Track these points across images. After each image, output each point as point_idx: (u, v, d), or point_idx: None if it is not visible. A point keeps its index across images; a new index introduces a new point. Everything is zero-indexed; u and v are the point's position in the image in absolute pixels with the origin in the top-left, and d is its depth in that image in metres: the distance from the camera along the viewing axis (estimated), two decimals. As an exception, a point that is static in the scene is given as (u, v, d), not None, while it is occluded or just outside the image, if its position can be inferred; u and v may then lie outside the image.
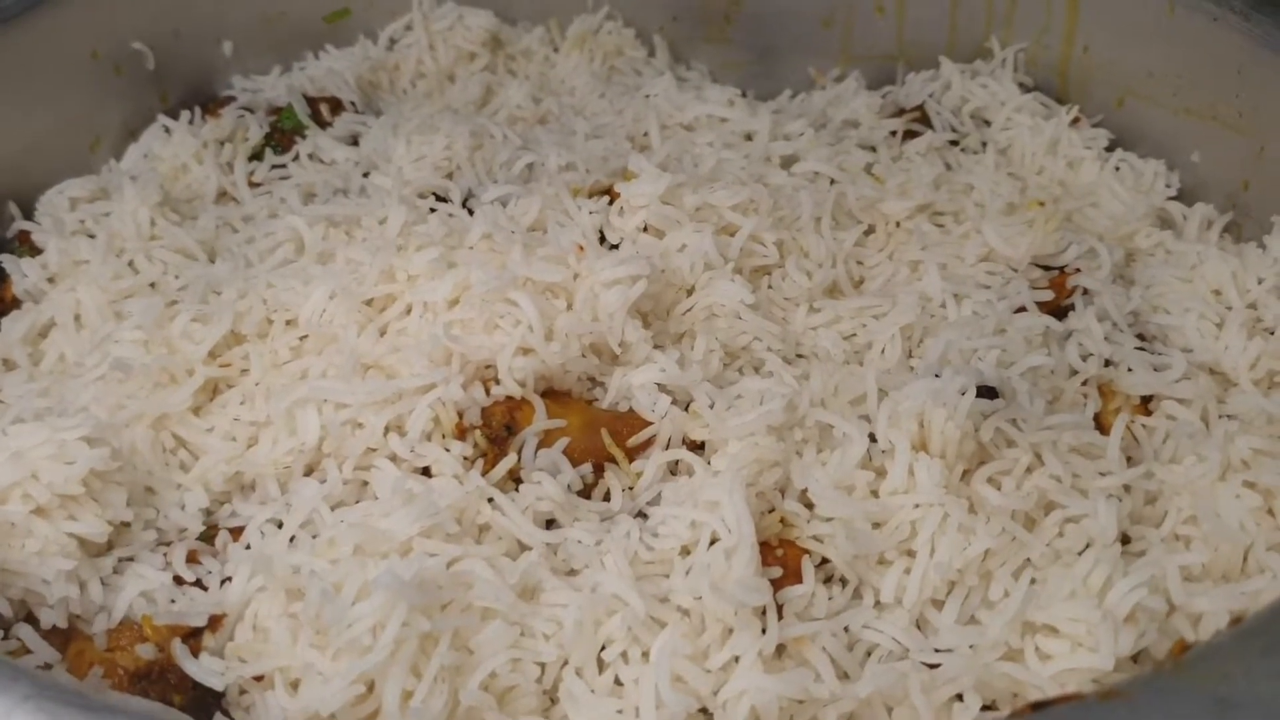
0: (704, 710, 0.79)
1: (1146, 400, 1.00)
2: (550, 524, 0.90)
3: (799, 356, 1.06)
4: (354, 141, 1.30)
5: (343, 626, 0.76)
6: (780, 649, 0.81)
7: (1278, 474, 0.89)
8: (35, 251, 1.15)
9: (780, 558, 0.86)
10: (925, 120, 1.31)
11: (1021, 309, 1.05)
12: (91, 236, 1.14)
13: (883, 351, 1.05)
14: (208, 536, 0.92)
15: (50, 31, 1.25)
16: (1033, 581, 0.84)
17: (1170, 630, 0.82)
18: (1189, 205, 1.20)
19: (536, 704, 0.80)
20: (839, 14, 1.42)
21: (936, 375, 0.94)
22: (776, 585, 0.83)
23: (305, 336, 1.01)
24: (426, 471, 0.91)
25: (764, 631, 0.80)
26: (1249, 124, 1.14)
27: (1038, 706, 0.65)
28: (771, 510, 0.89)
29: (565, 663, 0.80)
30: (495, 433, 0.93)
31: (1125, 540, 0.90)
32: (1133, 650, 0.78)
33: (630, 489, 0.93)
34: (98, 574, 0.87)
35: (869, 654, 0.83)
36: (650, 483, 0.93)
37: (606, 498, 0.93)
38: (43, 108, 1.25)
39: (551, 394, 0.97)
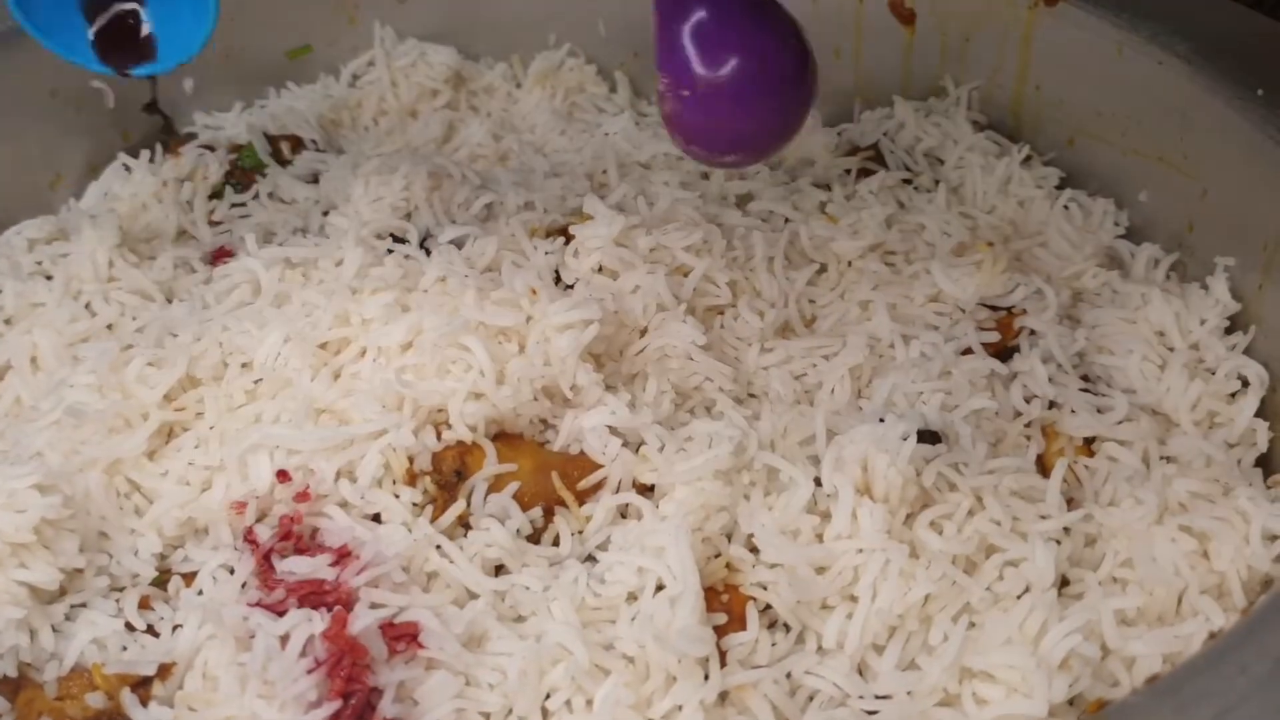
0: (647, 758, 0.80)
1: (1090, 441, 1.02)
2: (499, 569, 0.91)
3: (750, 396, 1.08)
4: (315, 180, 1.31)
5: (289, 681, 0.77)
6: (723, 696, 0.82)
7: (1213, 518, 0.91)
8: (-8, 293, 1.16)
9: (725, 603, 0.87)
10: (879, 158, 1.32)
11: (968, 350, 1.07)
12: (49, 278, 1.15)
13: (832, 392, 1.06)
14: (161, 582, 0.93)
15: (8, 70, 1.25)
16: (971, 626, 0.86)
17: (1105, 674, 0.83)
18: (1137, 244, 1.22)
19: (481, 753, 0.81)
20: (797, 51, 1.43)
21: (881, 420, 0.95)
22: (721, 631, 0.85)
23: (260, 380, 1.01)
24: (377, 518, 0.92)
25: (706, 679, 0.81)
26: (1193, 167, 1.16)
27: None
28: (717, 555, 0.90)
29: (510, 712, 0.81)
30: (445, 478, 0.94)
31: (1065, 583, 0.91)
32: (1067, 696, 0.80)
33: (579, 533, 0.95)
34: (49, 621, 0.88)
35: (811, 699, 0.85)
36: (599, 526, 0.94)
37: (556, 542, 0.94)
38: (1, 146, 1.26)
39: (503, 437, 0.98)
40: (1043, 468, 0.99)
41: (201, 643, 0.86)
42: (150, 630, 0.89)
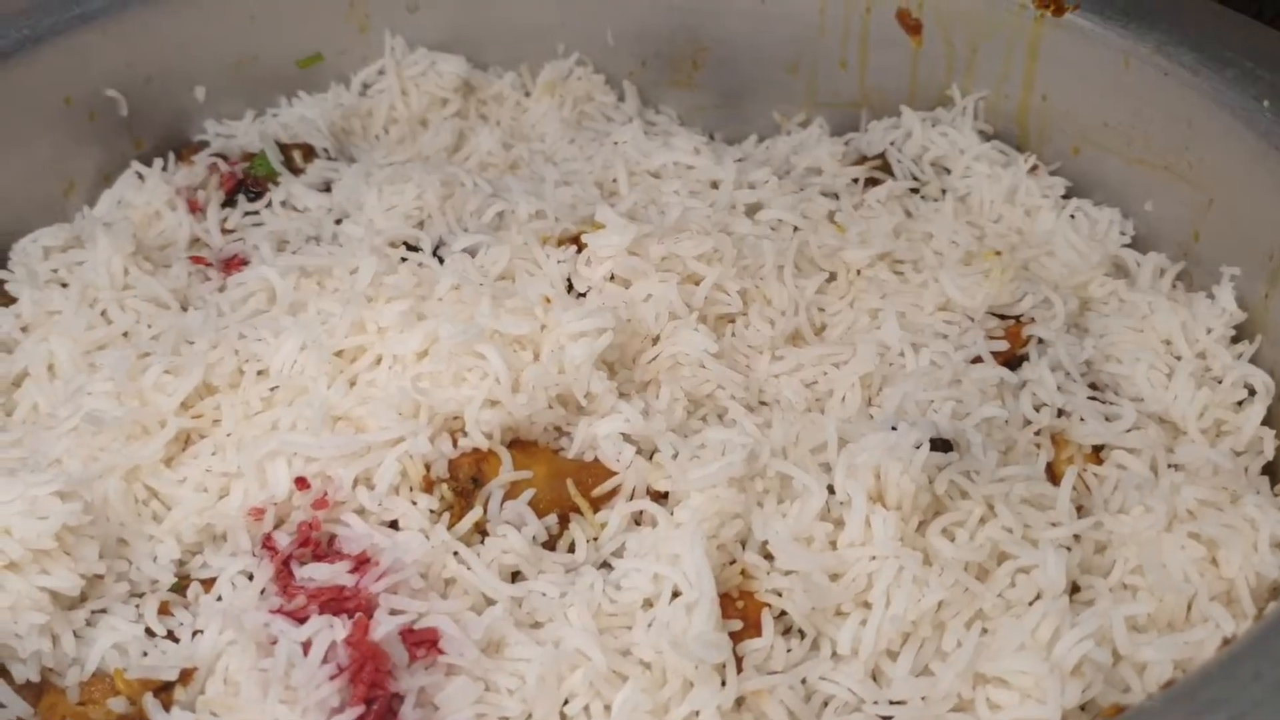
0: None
1: (1098, 449, 1.03)
2: (516, 576, 0.92)
3: (761, 404, 1.09)
4: (327, 188, 1.32)
5: (312, 686, 0.78)
6: (739, 701, 0.83)
7: (1221, 525, 0.92)
8: (8, 300, 1.17)
9: (741, 610, 0.88)
10: (887, 168, 1.33)
11: (977, 359, 1.08)
12: (65, 286, 1.16)
13: (843, 399, 1.07)
14: (179, 588, 0.94)
15: (23, 79, 1.26)
16: (984, 632, 0.87)
17: (1116, 680, 0.85)
18: (1143, 253, 1.23)
19: (500, 758, 0.82)
20: (804, 61, 1.44)
21: (893, 428, 0.96)
22: (736, 637, 0.86)
23: (276, 387, 1.02)
24: (394, 524, 0.93)
25: (723, 684, 0.82)
26: (1199, 176, 1.18)
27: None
28: (732, 562, 0.91)
29: (529, 717, 0.82)
30: (462, 485, 0.95)
31: (1075, 589, 0.92)
32: (1079, 701, 0.81)
33: (595, 540, 0.95)
34: (70, 627, 0.89)
35: (826, 704, 0.86)
36: (614, 533, 0.95)
37: (572, 548, 0.95)
38: (15, 154, 1.26)
39: (518, 444, 0.99)
40: (1053, 475, 1.00)
41: (222, 648, 0.86)
42: (170, 636, 0.90)
